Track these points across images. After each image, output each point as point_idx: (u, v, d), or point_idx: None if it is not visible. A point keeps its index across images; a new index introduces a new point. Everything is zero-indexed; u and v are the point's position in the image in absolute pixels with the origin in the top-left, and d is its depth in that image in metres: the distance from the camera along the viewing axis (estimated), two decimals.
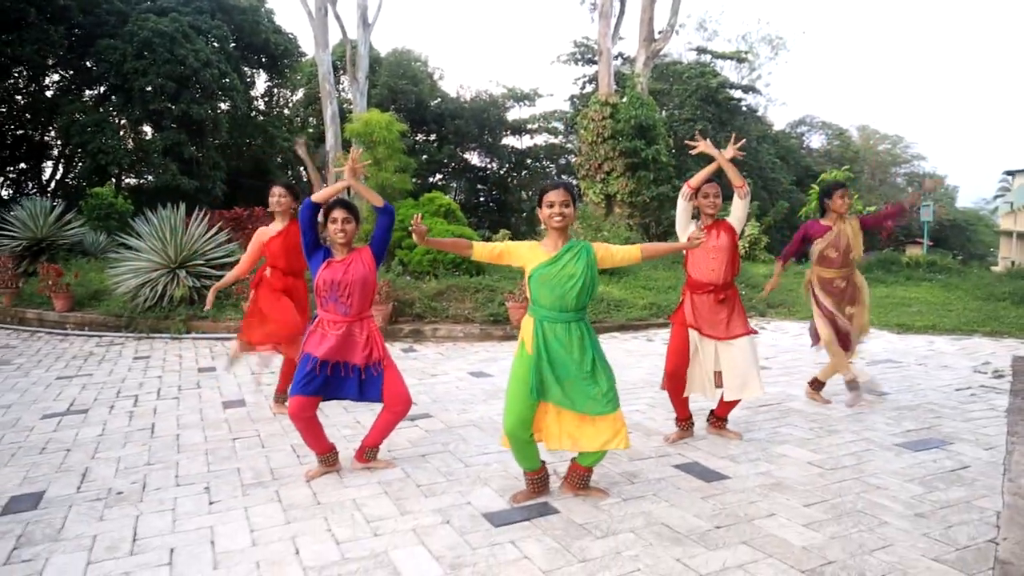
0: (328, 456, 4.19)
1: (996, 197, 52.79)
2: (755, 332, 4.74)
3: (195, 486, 4.05)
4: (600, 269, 3.62)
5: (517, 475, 4.16)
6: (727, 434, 4.92)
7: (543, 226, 3.63)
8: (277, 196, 5.36)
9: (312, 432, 4.07)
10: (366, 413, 5.53)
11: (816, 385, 5.86)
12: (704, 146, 4.53)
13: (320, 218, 4.06)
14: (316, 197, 4.06)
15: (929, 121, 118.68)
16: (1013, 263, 29.33)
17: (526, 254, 3.60)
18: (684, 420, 4.85)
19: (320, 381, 3.96)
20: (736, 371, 4.59)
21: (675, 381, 4.70)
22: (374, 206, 4.03)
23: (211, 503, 3.80)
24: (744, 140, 4.53)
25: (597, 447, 3.59)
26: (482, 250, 3.67)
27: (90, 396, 6.26)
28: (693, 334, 4.65)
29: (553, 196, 3.51)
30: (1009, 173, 42.56)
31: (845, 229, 5.44)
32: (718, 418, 4.97)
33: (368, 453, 4.30)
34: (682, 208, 4.64)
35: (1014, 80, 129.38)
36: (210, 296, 5.41)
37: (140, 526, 3.51)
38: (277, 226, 5.41)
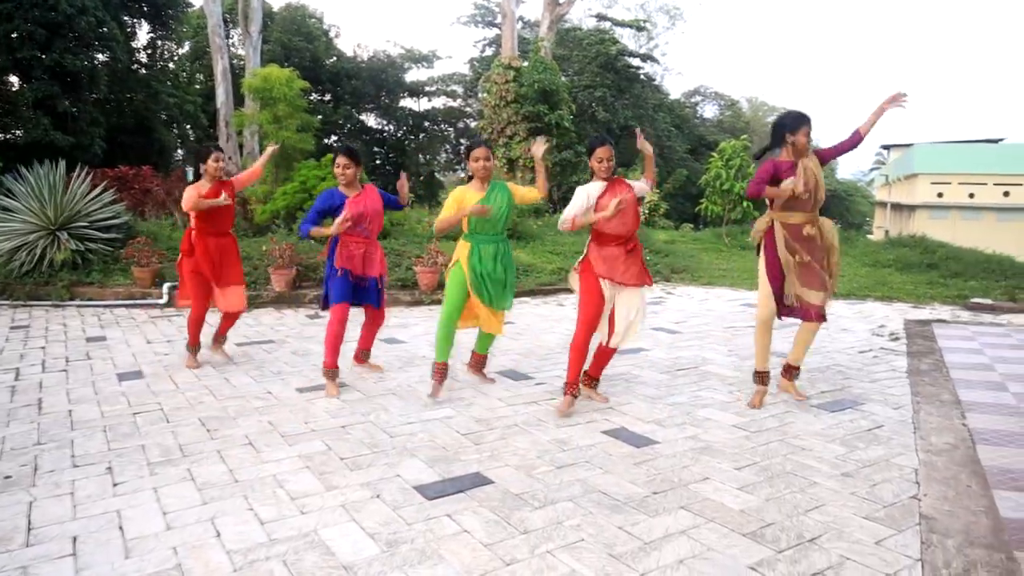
0: (335, 371, 5.07)
1: (872, 169, 56.02)
2: (651, 283, 4.81)
3: (95, 466, 3.71)
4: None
5: (445, 445, 4.05)
6: (596, 397, 4.93)
7: (470, 173, 4.94)
8: (220, 162, 5.59)
9: (339, 340, 5.03)
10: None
11: (789, 374, 5.17)
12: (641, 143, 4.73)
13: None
14: (324, 231, 5.01)
15: (812, 94, 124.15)
16: (887, 232, 31.16)
17: (464, 197, 4.86)
18: (576, 384, 4.69)
19: (352, 289, 5.06)
20: (628, 318, 4.72)
21: (592, 330, 4.66)
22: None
23: (115, 484, 3.48)
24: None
25: (493, 330, 5.13)
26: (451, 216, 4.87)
27: None
28: (604, 283, 4.63)
29: (478, 152, 4.85)
30: (885, 147, 45.07)
31: (809, 165, 4.65)
32: (591, 378, 4.97)
33: (363, 354, 5.71)
34: (582, 207, 4.61)
35: (892, 58, 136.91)
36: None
37: (35, 513, 3.17)
38: (205, 185, 5.55)
